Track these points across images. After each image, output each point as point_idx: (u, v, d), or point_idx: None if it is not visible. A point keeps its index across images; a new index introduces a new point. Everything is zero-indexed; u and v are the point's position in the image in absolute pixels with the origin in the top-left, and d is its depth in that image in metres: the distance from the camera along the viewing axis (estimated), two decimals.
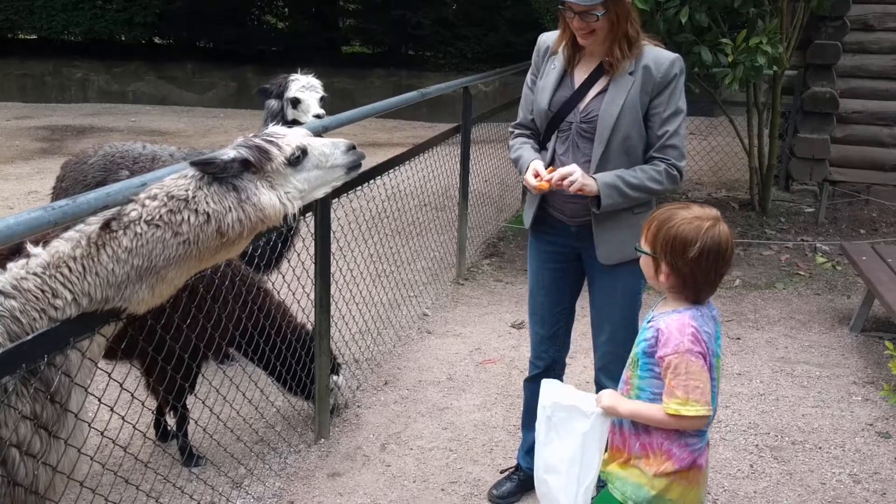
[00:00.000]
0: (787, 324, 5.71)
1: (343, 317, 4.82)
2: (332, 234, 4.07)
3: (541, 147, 3.31)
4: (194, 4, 16.02)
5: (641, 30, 3.13)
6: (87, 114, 14.49)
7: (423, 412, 4.44)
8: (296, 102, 4.71)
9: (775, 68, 6.81)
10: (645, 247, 2.40)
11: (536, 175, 3.11)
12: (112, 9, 15.79)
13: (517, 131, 3.40)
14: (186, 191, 2.46)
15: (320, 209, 3.89)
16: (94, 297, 2.36)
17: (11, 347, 2.19)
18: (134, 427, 3.24)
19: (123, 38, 16.69)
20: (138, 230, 2.40)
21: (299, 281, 4.14)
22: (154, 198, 2.45)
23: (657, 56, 3.08)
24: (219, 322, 3.50)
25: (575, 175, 3.01)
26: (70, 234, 2.40)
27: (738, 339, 5.40)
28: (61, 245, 2.37)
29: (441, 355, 5.15)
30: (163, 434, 4.05)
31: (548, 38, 3.32)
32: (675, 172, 3.13)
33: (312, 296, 4.04)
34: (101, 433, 2.88)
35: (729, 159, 9.20)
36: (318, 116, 4.61)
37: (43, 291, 2.29)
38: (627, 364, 2.49)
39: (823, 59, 8.20)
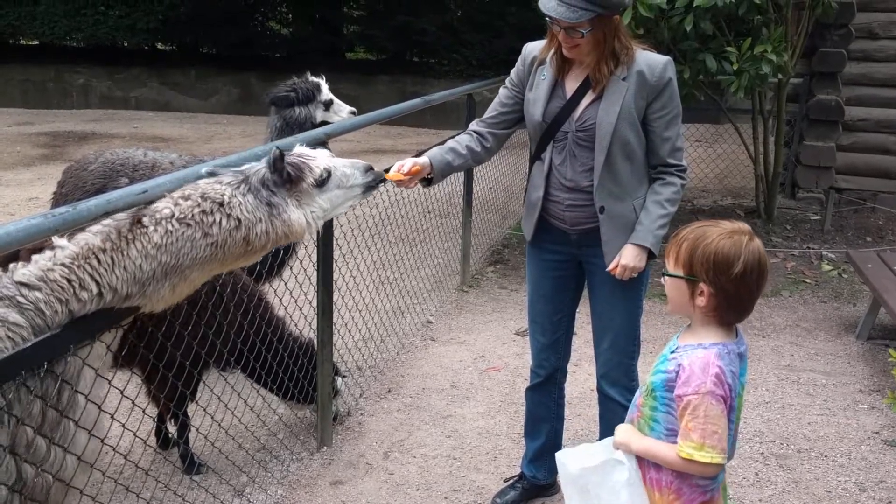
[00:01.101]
0: (792, 331, 5.67)
1: (346, 324, 4.80)
2: (334, 241, 4.05)
3: (535, 157, 3.30)
4: (197, 10, 16.06)
5: (644, 38, 3.13)
6: (88, 120, 14.49)
7: (427, 420, 4.41)
8: (329, 104, 4.71)
9: (780, 76, 6.80)
10: (676, 270, 2.21)
11: (410, 169, 3.15)
12: (115, 14, 15.81)
13: (472, 126, 3.41)
14: (222, 195, 2.51)
15: None
16: (120, 291, 2.37)
17: (12, 354, 2.16)
18: (135, 434, 3.21)
19: (126, 44, 16.74)
20: (170, 227, 2.43)
21: (301, 288, 4.11)
22: (187, 198, 2.49)
23: (650, 61, 3.07)
24: (220, 329, 3.47)
25: (632, 264, 3.09)
26: (99, 227, 2.41)
27: None
28: (90, 237, 2.37)
29: (445, 363, 5.12)
30: (164, 442, 4.02)
31: (533, 48, 3.29)
32: (685, 179, 3.19)
33: (315, 303, 4.02)
34: (102, 441, 2.85)
35: (734, 167, 9.18)
36: (353, 113, 4.66)
37: (69, 282, 2.29)
38: (641, 390, 2.34)
39: (828, 66, 8.19)
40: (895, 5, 8.16)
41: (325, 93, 4.73)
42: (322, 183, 2.70)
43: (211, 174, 2.63)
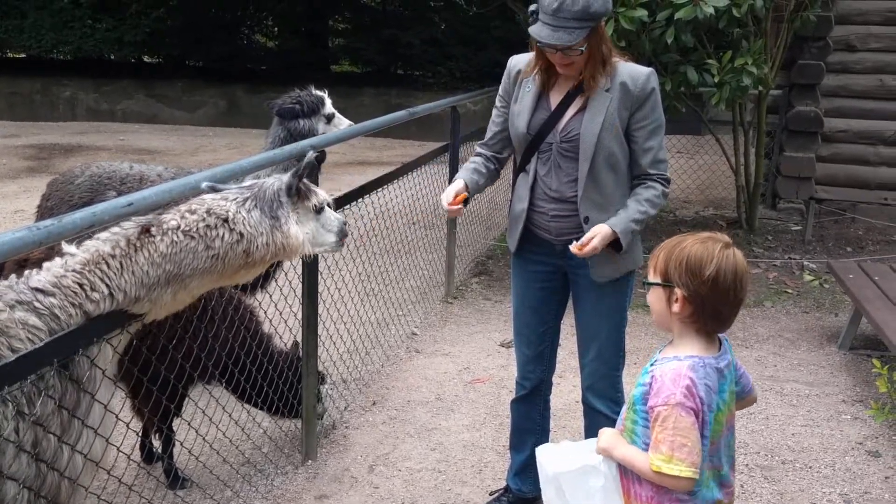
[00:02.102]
0: (775, 342, 5.71)
1: (331, 336, 4.80)
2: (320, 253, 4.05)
3: (519, 169, 3.33)
4: (184, 23, 16.09)
5: (625, 49, 3.17)
6: (75, 132, 14.44)
7: (412, 433, 4.42)
8: (331, 117, 4.78)
9: (760, 88, 6.86)
10: (655, 278, 2.25)
11: (454, 200, 3.20)
12: (102, 28, 15.81)
13: (478, 150, 3.46)
14: (227, 211, 2.69)
15: None
16: (129, 294, 2.52)
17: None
18: (118, 449, 3.19)
19: (113, 57, 16.71)
20: (175, 238, 2.59)
21: (287, 300, 4.12)
22: (194, 212, 2.66)
23: (632, 72, 3.11)
24: (205, 344, 3.47)
25: (595, 242, 3.02)
26: (107, 235, 2.56)
27: None
28: (100, 245, 2.53)
29: (430, 375, 5.13)
30: (148, 456, 4.00)
31: (518, 62, 3.32)
32: (668, 188, 3.20)
33: (300, 315, 4.02)
34: (85, 456, 2.84)
35: (716, 178, 9.25)
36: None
37: (81, 286, 2.43)
38: (626, 404, 2.34)
39: (807, 78, 8.28)
40: (872, 18, 8.27)
41: (329, 106, 4.81)
42: (319, 211, 2.92)
43: (212, 189, 2.78)
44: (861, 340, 5.64)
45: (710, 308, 2.18)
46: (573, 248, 3.04)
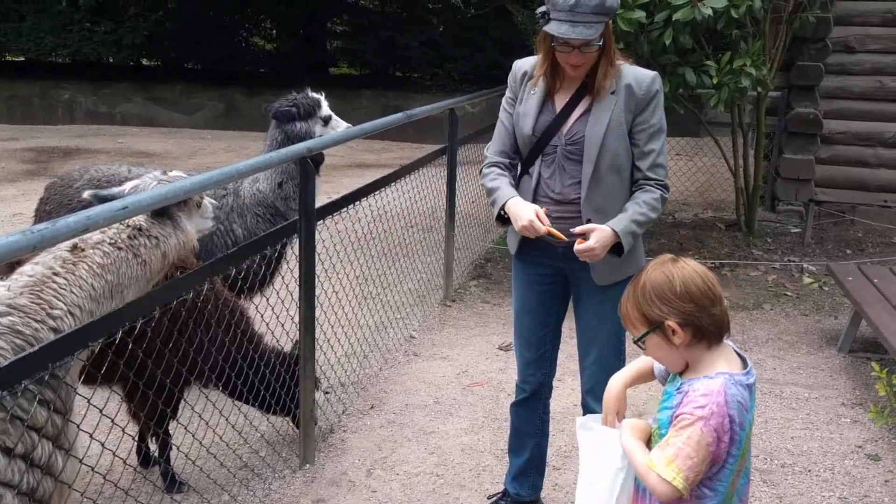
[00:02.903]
0: (774, 345, 5.70)
1: (329, 340, 4.78)
2: (317, 257, 4.04)
3: (523, 171, 3.30)
4: (182, 26, 16.09)
5: (623, 50, 3.16)
6: (74, 135, 14.43)
7: (410, 436, 4.40)
8: (328, 120, 4.76)
9: (759, 89, 6.85)
10: (642, 330, 2.19)
11: (541, 221, 3.03)
12: (100, 31, 15.79)
13: (495, 159, 3.33)
14: (139, 220, 2.91)
15: (305, 231, 3.87)
16: (84, 308, 2.62)
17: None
18: (114, 454, 3.18)
19: (111, 60, 16.70)
20: (105, 250, 2.76)
21: (283, 304, 4.10)
22: (111, 227, 2.79)
23: (637, 74, 3.10)
24: (200, 346, 3.46)
25: (596, 249, 2.97)
26: (42, 258, 2.64)
27: None
28: (37, 267, 2.61)
29: (428, 378, 5.12)
30: (144, 460, 3.98)
31: (522, 64, 3.30)
32: (666, 194, 3.17)
33: (297, 319, 4.01)
34: (80, 460, 2.83)
35: (715, 180, 9.24)
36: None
37: (38, 305, 2.49)
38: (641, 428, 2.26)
39: (806, 80, 8.27)
40: (871, 20, 8.26)
41: (325, 109, 4.78)
42: (199, 206, 3.29)
43: (96, 197, 2.94)
44: (861, 343, 5.62)
45: (704, 318, 2.13)
46: (577, 248, 2.97)
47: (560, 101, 3.18)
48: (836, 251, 7.82)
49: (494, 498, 3.75)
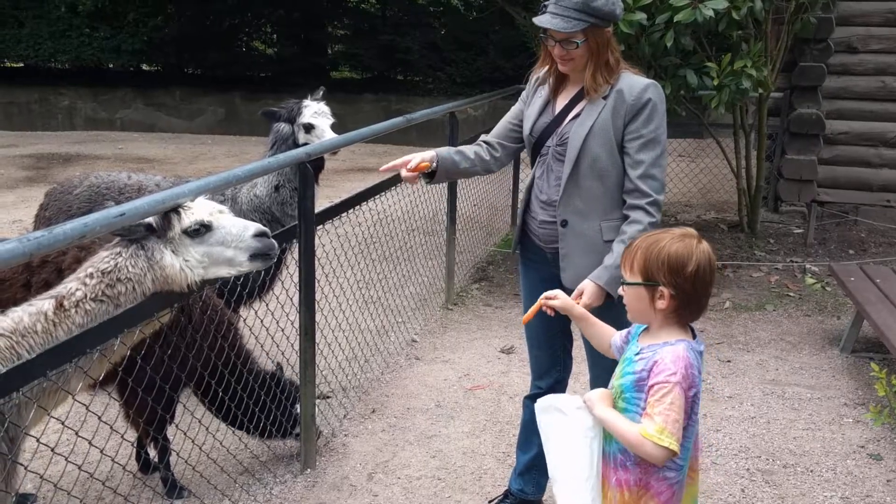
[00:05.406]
0: (777, 345, 5.68)
1: (329, 344, 4.77)
2: (317, 261, 4.03)
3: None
4: (182, 31, 16.08)
5: (626, 54, 3.15)
6: (73, 142, 14.43)
7: (411, 440, 4.38)
8: (309, 128, 4.70)
9: (761, 91, 6.83)
10: (634, 278, 2.31)
11: (416, 167, 3.24)
12: (100, 36, 15.80)
13: (484, 138, 3.45)
14: (110, 262, 2.73)
15: (304, 236, 3.86)
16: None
17: None
18: (113, 460, 3.17)
19: (111, 66, 16.69)
20: (87, 308, 2.66)
21: (283, 309, 4.09)
22: (91, 276, 2.71)
23: (631, 81, 3.07)
24: (200, 353, 3.44)
25: (594, 304, 2.95)
26: (28, 307, 2.60)
27: (729, 361, 5.37)
28: (25, 317, 2.57)
29: (429, 382, 5.10)
30: (144, 465, 3.97)
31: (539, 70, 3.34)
32: (655, 218, 3.07)
33: (297, 324, 3.99)
34: (79, 467, 2.82)
35: (717, 181, 9.23)
36: None
37: (10, 353, 2.47)
38: (602, 393, 2.38)
39: (808, 80, 8.24)
40: (874, 20, 8.23)
41: (307, 116, 4.67)
42: (195, 234, 2.81)
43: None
44: (863, 343, 5.61)
45: (694, 300, 2.29)
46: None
47: (560, 104, 3.20)
48: (839, 252, 7.80)
49: (495, 501, 3.74)
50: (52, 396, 2.61)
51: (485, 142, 3.42)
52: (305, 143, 4.57)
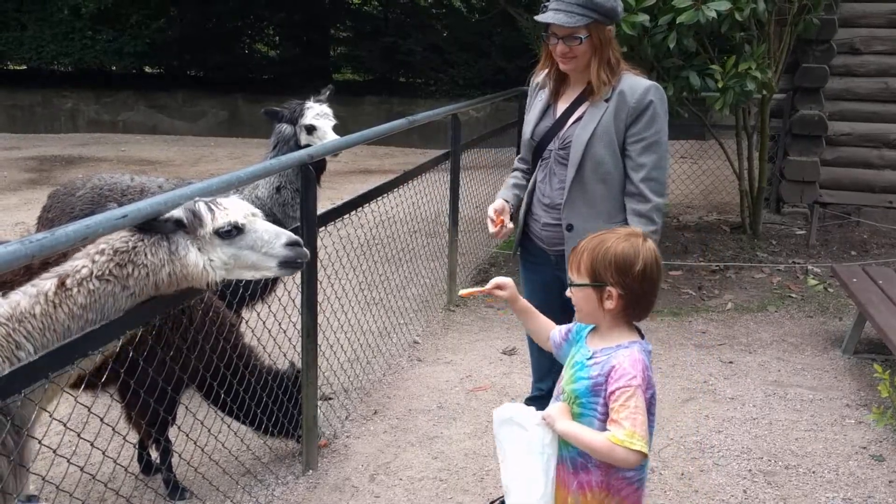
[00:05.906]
0: (779, 347, 5.68)
1: (331, 346, 4.77)
2: (319, 262, 4.03)
3: (531, 176, 3.33)
4: (184, 33, 16.11)
5: (629, 56, 3.15)
6: (76, 144, 14.46)
7: (413, 441, 4.38)
8: (311, 129, 4.70)
9: (764, 92, 6.83)
10: (581, 279, 2.31)
11: (497, 218, 3.19)
12: (102, 39, 15.83)
13: (516, 164, 3.48)
14: (127, 242, 2.64)
15: (306, 237, 3.86)
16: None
17: None
18: (115, 462, 3.17)
19: (114, 68, 16.73)
20: (91, 287, 2.56)
21: (286, 310, 4.09)
22: (102, 252, 2.61)
23: (633, 83, 3.08)
24: (201, 354, 3.45)
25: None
26: (29, 289, 2.53)
27: (731, 362, 5.36)
28: (23, 300, 2.49)
29: (431, 383, 5.10)
30: (146, 467, 3.97)
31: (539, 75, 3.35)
32: (657, 225, 3.09)
33: (299, 325, 4.00)
34: (82, 469, 2.82)
35: (719, 182, 9.23)
36: None
37: (7, 342, 2.41)
38: (561, 398, 2.38)
39: (811, 82, 8.24)
40: (876, 21, 8.24)
41: (309, 118, 4.68)
42: (226, 235, 2.74)
43: None
44: (865, 344, 5.60)
45: (642, 299, 2.30)
46: None
47: (561, 107, 3.20)
48: (841, 253, 7.79)
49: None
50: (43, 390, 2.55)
51: (519, 168, 3.46)
52: (307, 145, 4.57)
